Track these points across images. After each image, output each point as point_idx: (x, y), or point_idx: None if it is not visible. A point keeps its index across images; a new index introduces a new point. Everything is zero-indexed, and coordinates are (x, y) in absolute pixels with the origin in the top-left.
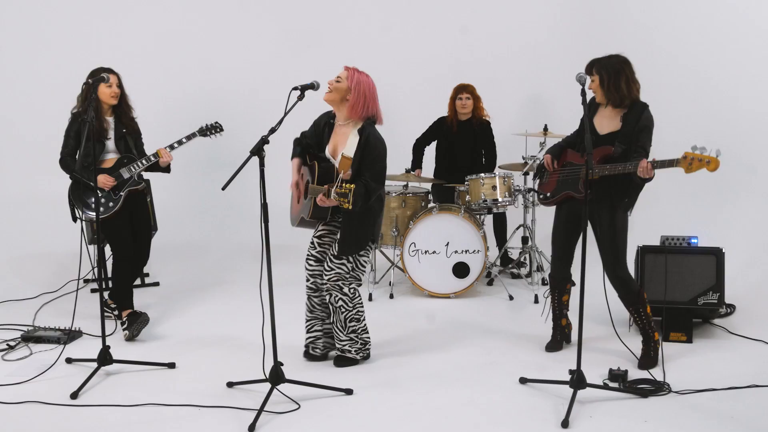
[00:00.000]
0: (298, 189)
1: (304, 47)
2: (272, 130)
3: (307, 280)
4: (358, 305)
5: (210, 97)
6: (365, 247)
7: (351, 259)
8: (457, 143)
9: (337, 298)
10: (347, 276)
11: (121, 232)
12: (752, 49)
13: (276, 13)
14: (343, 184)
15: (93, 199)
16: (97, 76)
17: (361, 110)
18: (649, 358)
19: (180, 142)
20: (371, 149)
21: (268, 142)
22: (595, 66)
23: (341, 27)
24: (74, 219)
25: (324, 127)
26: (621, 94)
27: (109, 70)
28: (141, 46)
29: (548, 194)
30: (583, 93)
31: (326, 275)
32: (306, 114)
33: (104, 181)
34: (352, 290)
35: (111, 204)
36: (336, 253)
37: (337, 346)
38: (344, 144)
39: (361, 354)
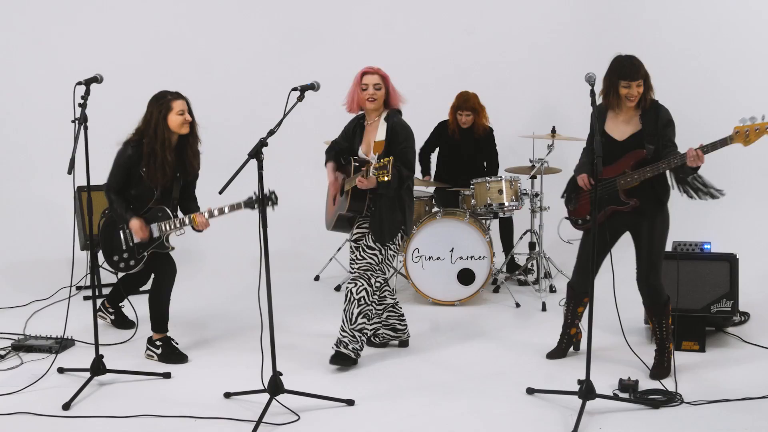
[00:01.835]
0: (335, 188)
1: (305, 47)
2: (271, 132)
3: None
4: (374, 302)
5: (208, 98)
6: (398, 233)
7: (383, 250)
8: (460, 150)
9: (360, 289)
10: (377, 267)
11: (159, 264)
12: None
13: (275, 12)
14: (381, 159)
15: (119, 241)
16: (164, 99)
17: (397, 100)
18: (662, 368)
19: (222, 211)
20: (397, 136)
21: (266, 145)
22: (641, 69)
23: (343, 27)
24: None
25: (354, 129)
26: (650, 97)
27: (178, 95)
28: (137, 46)
29: (587, 217)
30: (593, 94)
31: (357, 263)
32: (306, 115)
33: (138, 229)
34: (378, 284)
35: (132, 263)
36: (373, 239)
37: (338, 337)
38: (375, 135)
39: (356, 354)
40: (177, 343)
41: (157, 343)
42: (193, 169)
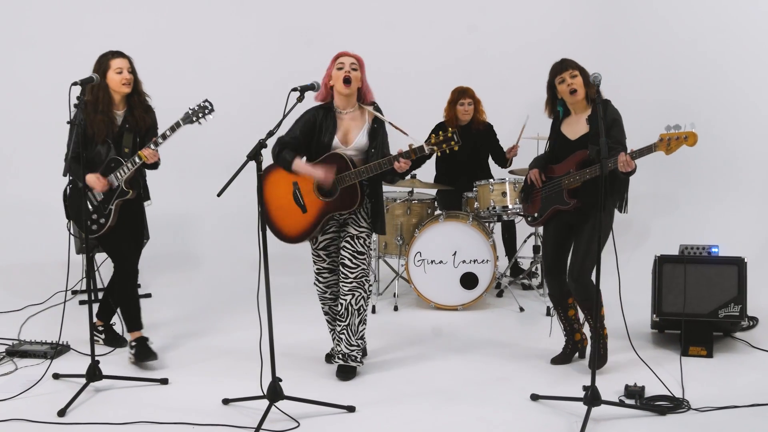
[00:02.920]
0: (326, 180)
1: (304, 46)
2: (270, 134)
3: (324, 293)
4: (367, 305)
5: (205, 98)
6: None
7: (370, 252)
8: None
9: (358, 298)
10: (367, 271)
11: (121, 245)
12: None
13: (274, 10)
14: (440, 132)
15: (86, 204)
16: (103, 58)
17: (369, 91)
18: (599, 356)
19: (164, 136)
20: (377, 135)
21: (265, 146)
22: (572, 64)
23: (343, 25)
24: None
25: (322, 119)
26: (593, 92)
27: (119, 53)
28: (132, 45)
29: (536, 215)
30: (598, 93)
31: (352, 273)
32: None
33: (95, 182)
34: (369, 287)
35: (102, 221)
36: (363, 242)
37: (344, 351)
38: (356, 126)
39: (362, 362)
40: (152, 343)
41: (132, 343)
42: (146, 123)
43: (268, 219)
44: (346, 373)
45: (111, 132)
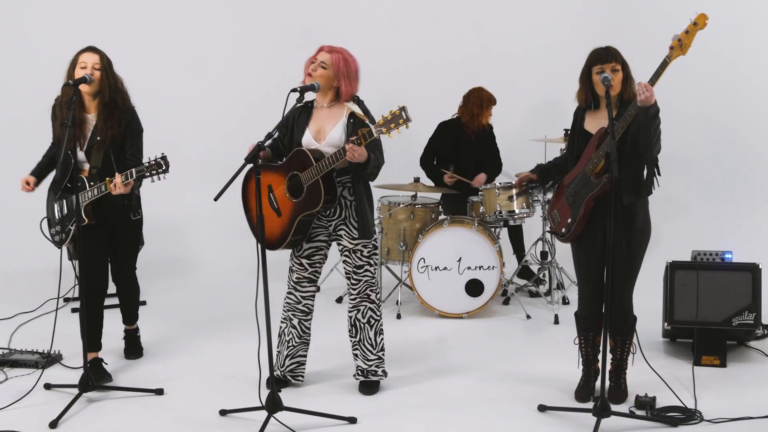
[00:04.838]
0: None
1: (305, 46)
2: (269, 136)
3: (298, 303)
4: (381, 314)
5: (203, 99)
6: (375, 233)
7: (372, 261)
8: (477, 149)
9: (364, 311)
10: (373, 281)
11: (91, 258)
12: None
13: (273, 8)
14: (383, 117)
15: (53, 212)
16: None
17: (351, 91)
18: (620, 391)
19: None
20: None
21: (264, 149)
22: (618, 56)
23: (345, 24)
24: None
25: (297, 117)
26: (633, 90)
27: (90, 48)
28: (128, 46)
29: (569, 220)
30: (608, 96)
31: (355, 288)
32: None
33: (23, 182)
34: (378, 296)
35: (63, 236)
36: (357, 238)
37: (362, 367)
38: (333, 125)
39: (385, 374)
40: (106, 363)
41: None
42: (111, 133)
43: (251, 226)
44: (370, 387)
45: (80, 141)
